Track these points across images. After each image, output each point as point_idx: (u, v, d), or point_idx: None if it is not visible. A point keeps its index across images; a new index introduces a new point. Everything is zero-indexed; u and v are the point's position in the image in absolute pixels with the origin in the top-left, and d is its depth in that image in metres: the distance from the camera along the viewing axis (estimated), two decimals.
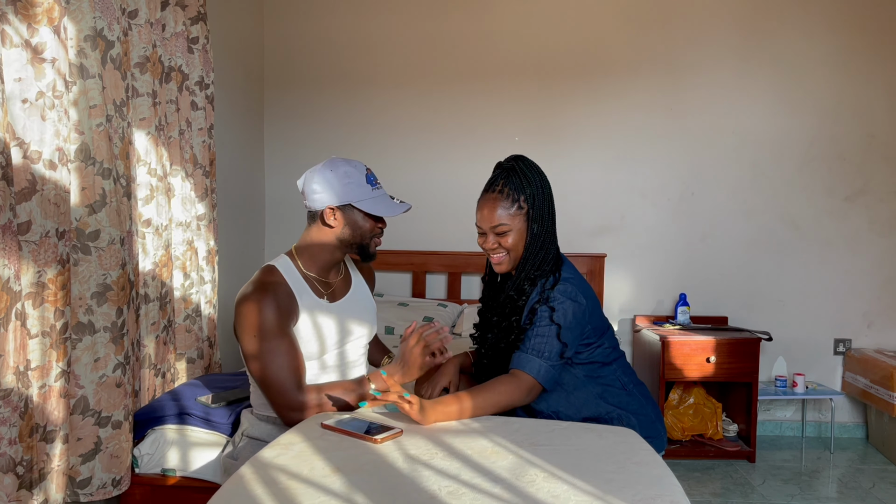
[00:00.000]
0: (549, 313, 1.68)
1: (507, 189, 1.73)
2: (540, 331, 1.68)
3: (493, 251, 1.77)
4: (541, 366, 1.66)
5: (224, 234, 3.26)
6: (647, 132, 3.72)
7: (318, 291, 1.82)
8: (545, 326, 1.67)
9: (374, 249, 1.85)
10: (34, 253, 1.69)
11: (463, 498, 1.13)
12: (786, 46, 3.64)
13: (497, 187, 1.75)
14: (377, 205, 1.77)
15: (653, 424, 1.80)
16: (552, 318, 1.68)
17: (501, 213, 1.73)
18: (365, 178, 1.78)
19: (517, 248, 1.76)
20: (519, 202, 1.74)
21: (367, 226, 1.79)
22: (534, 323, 1.69)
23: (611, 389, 1.78)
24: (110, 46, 1.95)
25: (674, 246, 3.74)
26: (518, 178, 1.74)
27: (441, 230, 3.84)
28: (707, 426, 3.40)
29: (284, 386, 1.66)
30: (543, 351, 1.67)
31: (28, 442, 1.63)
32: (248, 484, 1.19)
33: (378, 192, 1.80)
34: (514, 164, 1.76)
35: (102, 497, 1.93)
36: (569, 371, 1.75)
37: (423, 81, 3.81)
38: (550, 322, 1.68)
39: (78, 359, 1.88)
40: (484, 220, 1.75)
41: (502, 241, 1.75)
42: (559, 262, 1.78)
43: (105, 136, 1.91)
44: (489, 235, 1.76)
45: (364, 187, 1.76)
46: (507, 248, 1.75)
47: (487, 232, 1.76)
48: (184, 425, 2.08)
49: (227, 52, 3.33)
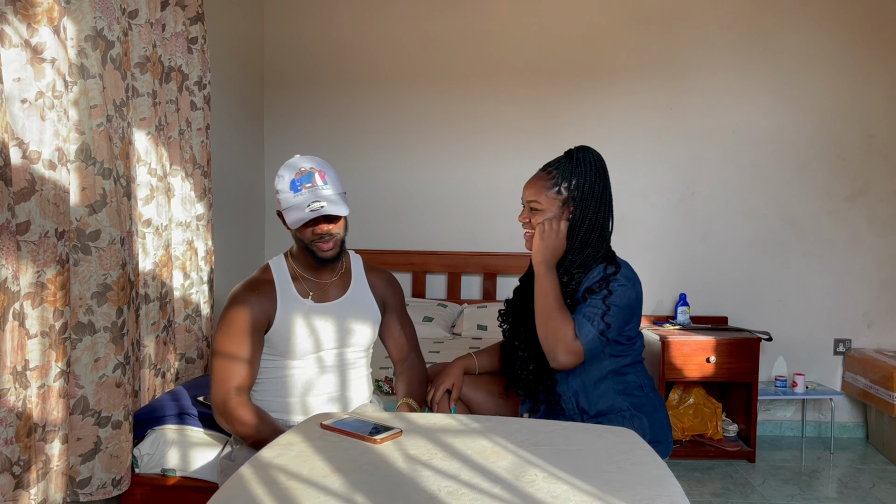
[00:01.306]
0: (606, 295, 1.72)
1: (555, 172, 1.79)
2: (594, 302, 1.71)
3: (525, 225, 1.83)
4: (590, 331, 1.69)
5: (224, 234, 3.26)
6: (647, 132, 3.72)
7: (303, 291, 1.84)
8: (597, 307, 1.71)
9: (324, 254, 1.78)
10: (33, 253, 1.69)
11: (463, 498, 1.13)
12: (786, 46, 3.64)
13: (549, 168, 1.81)
14: (292, 213, 1.72)
15: (663, 430, 1.81)
16: (605, 300, 1.71)
17: (539, 192, 1.79)
18: (289, 185, 1.73)
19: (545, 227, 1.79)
20: (561, 187, 1.77)
21: (302, 230, 1.76)
22: (587, 301, 1.72)
23: (630, 389, 1.80)
24: (110, 46, 1.95)
25: (674, 246, 3.74)
26: (571, 165, 1.78)
27: (441, 230, 3.84)
28: (707, 426, 3.40)
29: (218, 386, 1.74)
30: (594, 319, 1.70)
31: (25, 442, 1.63)
32: (248, 484, 1.19)
33: (301, 197, 1.71)
34: (574, 151, 1.81)
35: (102, 497, 1.93)
36: (599, 362, 1.77)
37: (423, 81, 3.81)
38: (603, 303, 1.71)
39: (78, 359, 1.88)
40: (524, 193, 1.82)
41: (533, 219, 1.80)
42: (613, 257, 1.82)
43: (105, 136, 1.91)
44: (525, 209, 1.82)
45: (286, 195, 1.73)
46: (536, 225, 1.80)
47: (525, 206, 1.82)
48: (184, 425, 2.08)
49: (227, 51, 3.33)
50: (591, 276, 1.76)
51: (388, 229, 3.86)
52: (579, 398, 1.79)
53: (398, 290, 2.01)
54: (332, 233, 1.76)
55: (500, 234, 3.80)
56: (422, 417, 1.58)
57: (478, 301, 3.77)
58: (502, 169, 3.75)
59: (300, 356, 1.81)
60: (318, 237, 1.76)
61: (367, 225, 3.86)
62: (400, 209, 3.86)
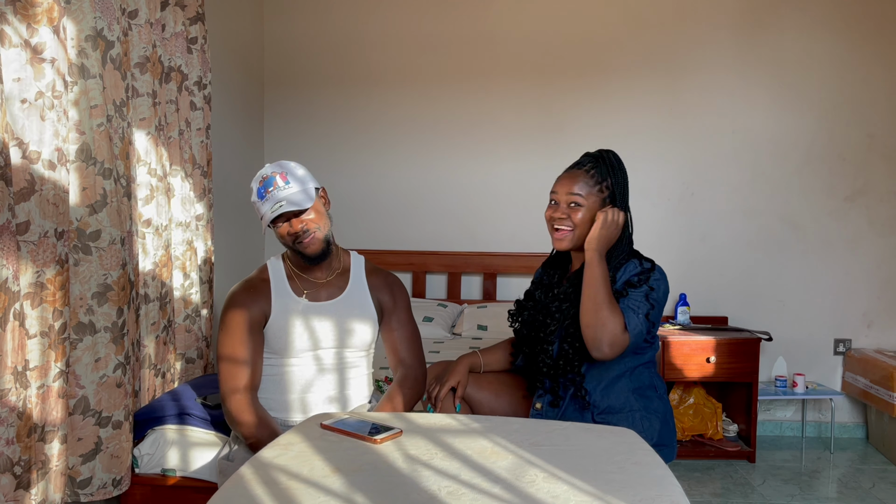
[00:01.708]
0: (648, 291, 1.74)
1: (593, 171, 1.80)
2: (637, 296, 1.72)
3: (560, 221, 1.80)
4: (636, 325, 1.70)
5: (224, 234, 3.26)
6: (647, 132, 3.72)
7: (298, 290, 1.85)
8: (641, 301, 1.72)
9: (308, 253, 1.80)
10: (32, 253, 1.69)
11: (463, 498, 1.13)
12: (786, 46, 3.63)
13: (584, 167, 1.81)
14: (263, 221, 1.78)
15: (670, 433, 1.83)
16: (648, 296, 1.74)
17: (581, 187, 1.79)
18: (257, 194, 1.77)
19: (583, 227, 1.79)
20: (601, 185, 1.79)
21: (279, 234, 1.80)
22: (628, 294, 1.73)
23: (643, 389, 1.81)
24: (110, 46, 1.95)
25: (674, 246, 3.74)
26: (606, 166, 1.81)
27: (441, 230, 3.84)
28: (707, 426, 3.39)
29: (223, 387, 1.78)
30: (639, 314, 1.71)
31: (26, 442, 1.63)
32: (248, 484, 1.19)
33: (266, 204, 1.75)
34: (603, 153, 1.83)
35: (103, 497, 1.93)
36: (621, 358, 1.77)
37: (423, 81, 3.81)
38: (647, 300, 1.73)
39: (79, 359, 1.88)
40: (561, 188, 1.80)
41: (572, 215, 1.79)
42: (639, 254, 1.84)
43: (105, 136, 1.91)
44: (561, 205, 1.80)
45: (257, 204, 1.78)
46: (575, 224, 1.78)
47: (561, 201, 1.80)
48: (184, 425, 2.08)
49: (227, 51, 3.33)
50: (627, 269, 1.77)
51: (388, 229, 3.86)
52: (591, 393, 1.79)
53: (399, 293, 1.97)
54: (307, 230, 1.77)
55: (500, 234, 3.80)
56: (422, 417, 1.58)
57: (478, 301, 3.77)
58: (502, 169, 3.75)
59: (296, 354, 1.82)
60: (294, 238, 1.78)
61: (367, 225, 3.86)
62: (400, 209, 3.86)
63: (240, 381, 1.75)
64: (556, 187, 1.82)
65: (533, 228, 3.77)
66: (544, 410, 1.83)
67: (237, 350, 1.76)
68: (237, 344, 1.77)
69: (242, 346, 1.77)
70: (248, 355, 1.77)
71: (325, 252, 1.82)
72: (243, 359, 1.77)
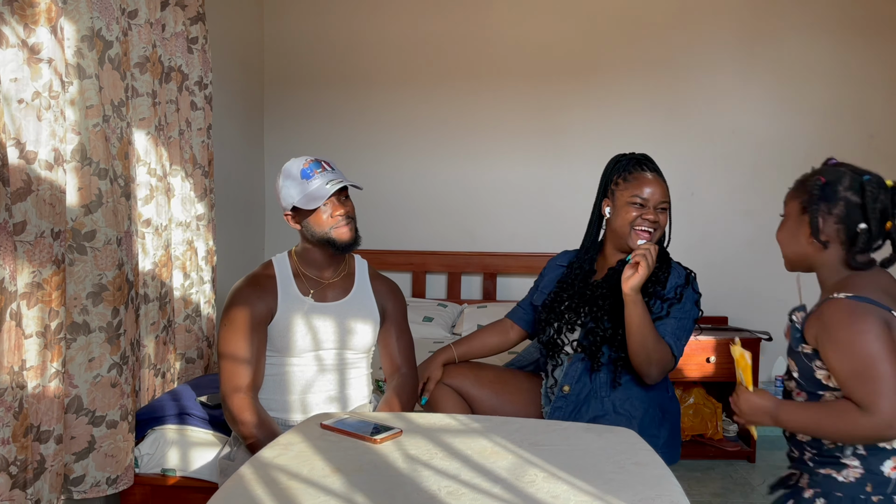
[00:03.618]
0: (691, 307, 1.87)
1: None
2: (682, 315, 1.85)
3: (653, 224, 1.87)
4: (681, 348, 1.83)
5: (224, 234, 3.26)
6: (647, 132, 3.71)
7: (304, 289, 1.84)
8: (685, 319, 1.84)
9: (345, 239, 1.81)
10: (29, 253, 1.69)
11: (463, 498, 1.13)
12: (786, 47, 3.63)
13: (656, 171, 1.91)
14: (311, 198, 1.75)
15: (678, 435, 1.91)
16: (690, 313, 1.86)
17: (667, 192, 1.90)
18: (300, 174, 1.76)
19: (664, 228, 1.92)
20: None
21: (318, 219, 1.78)
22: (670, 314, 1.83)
23: (660, 393, 1.84)
24: (108, 46, 1.94)
25: (674, 246, 3.72)
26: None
27: (441, 230, 3.84)
28: (707, 426, 3.39)
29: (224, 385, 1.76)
30: (682, 337, 1.83)
31: (22, 442, 1.63)
32: (248, 484, 1.19)
33: (316, 181, 1.75)
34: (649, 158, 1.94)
35: (96, 495, 1.92)
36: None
37: (423, 81, 3.81)
38: (695, 305, 1.87)
39: (72, 358, 1.88)
40: (654, 195, 1.87)
41: (661, 218, 1.88)
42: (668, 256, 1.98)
43: (102, 137, 1.90)
44: (650, 209, 1.87)
45: (300, 184, 1.76)
46: (662, 225, 1.90)
47: (652, 206, 1.87)
48: (184, 425, 2.08)
49: (227, 51, 3.32)
50: (676, 272, 1.90)
51: (388, 229, 3.86)
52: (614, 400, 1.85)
53: (400, 301, 1.99)
54: (350, 215, 1.81)
55: (500, 234, 3.79)
56: (422, 417, 1.58)
57: (478, 301, 3.77)
58: (502, 169, 3.75)
59: (298, 353, 1.82)
60: (336, 222, 1.78)
61: (367, 225, 3.81)
62: (400, 209, 3.86)
63: (241, 380, 1.74)
64: (643, 192, 1.87)
65: (533, 228, 3.77)
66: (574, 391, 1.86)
67: (240, 348, 1.74)
68: (240, 342, 1.75)
69: (245, 344, 1.75)
70: (251, 354, 1.75)
71: (355, 241, 1.84)
72: (246, 357, 1.75)
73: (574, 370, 1.88)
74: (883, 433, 1.26)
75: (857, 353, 1.27)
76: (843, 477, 1.36)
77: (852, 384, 1.27)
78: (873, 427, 1.24)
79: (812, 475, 1.42)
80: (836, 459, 1.37)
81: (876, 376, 1.24)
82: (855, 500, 1.34)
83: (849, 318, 1.30)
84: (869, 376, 1.25)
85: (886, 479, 1.34)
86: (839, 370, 1.30)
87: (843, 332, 1.29)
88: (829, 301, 1.35)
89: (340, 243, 1.81)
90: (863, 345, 1.27)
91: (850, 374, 1.28)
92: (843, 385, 1.30)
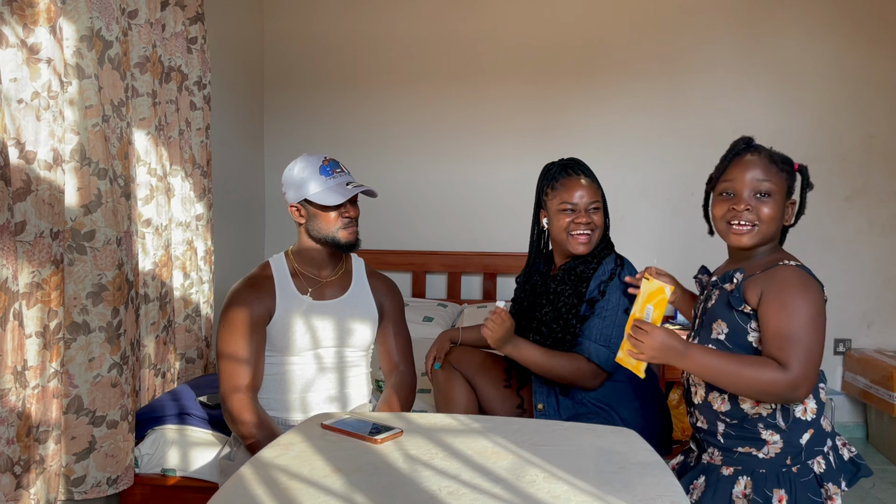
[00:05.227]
0: (624, 287, 1.83)
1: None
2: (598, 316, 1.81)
3: (587, 226, 1.86)
4: (599, 351, 1.78)
5: (224, 234, 3.26)
6: (647, 132, 3.72)
7: (302, 288, 1.85)
8: (616, 303, 1.81)
9: (348, 239, 1.84)
10: (28, 253, 1.69)
11: (463, 498, 1.13)
12: (786, 46, 3.63)
13: (584, 173, 1.93)
14: (328, 195, 1.78)
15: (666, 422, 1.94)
16: (604, 313, 1.82)
17: (598, 191, 1.93)
18: (319, 170, 1.78)
19: (601, 227, 1.90)
20: None
21: (327, 217, 1.80)
22: (606, 296, 1.81)
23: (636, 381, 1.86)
24: (108, 46, 1.95)
25: (674, 246, 3.74)
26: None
27: (441, 230, 3.84)
28: None
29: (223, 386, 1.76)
30: (598, 338, 1.79)
31: (25, 442, 1.63)
32: (248, 484, 1.19)
33: (334, 180, 1.79)
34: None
35: (97, 495, 1.92)
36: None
37: (423, 81, 3.81)
38: (623, 295, 1.83)
39: (72, 358, 1.88)
40: (583, 198, 1.89)
41: (595, 219, 1.88)
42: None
43: (101, 137, 1.90)
44: (582, 212, 1.87)
45: (318, 179, 1.78)
46: (598, 225, 1.88)
47: (583, 209, 1.87)
48: (184, 425, 2.08)
49: (226, 51, 3.32)
50: (603, 268, 1.85)
51: (388, 229, 3.86)
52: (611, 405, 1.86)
53: (397, 299, 2.00)
54: (357, 218, 1.86)
55: (500, 234, 3.79)
56: (422, 417, 1.58)
57: (478, 301, 3.77)
58: (503, 169, 3.75)
59: (298, 352, 1.82)
60: (345, 223, 1.82)
61: (367, 225, 3.81)
62: (400, 209, 3.86)
63: (241, 380, 1.74)
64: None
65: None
66: (547, 411, 1.85)
67: (239, 348, 1.75)
68: (239, 342, 1.75)
69: (244, 345, 1.75)
70: (250, 354, 1.76)
71: (357, 243, 1.88)
72: (245, 357, 1.75)
73: (541, 390, 1.89)
74: (790, 394, 1.34)
75: (799, 318, 1.36)
76: (764, 454, 1.43)
77: (778, 342, 1.35)
78: (786, 384, 1.32)
79: (727, 452, 1.46)
80: (756, 436, 1.42)
81: (802, 342, 1.35)
82: (778, 474, 1.41)
83: (804, 286, 1.40)
84: (797, 339, 1.35)
85: (801, 448, 1.42)
86: (773, 327, 1.37)
87: (795, 297, 1.38)
88: (783, 266, 1.44)
89: (345, 244, 1.84)
90: (808, 312, 1.38)
91: (782, 333, 1.36)
92: (769, 341, 1.37)
